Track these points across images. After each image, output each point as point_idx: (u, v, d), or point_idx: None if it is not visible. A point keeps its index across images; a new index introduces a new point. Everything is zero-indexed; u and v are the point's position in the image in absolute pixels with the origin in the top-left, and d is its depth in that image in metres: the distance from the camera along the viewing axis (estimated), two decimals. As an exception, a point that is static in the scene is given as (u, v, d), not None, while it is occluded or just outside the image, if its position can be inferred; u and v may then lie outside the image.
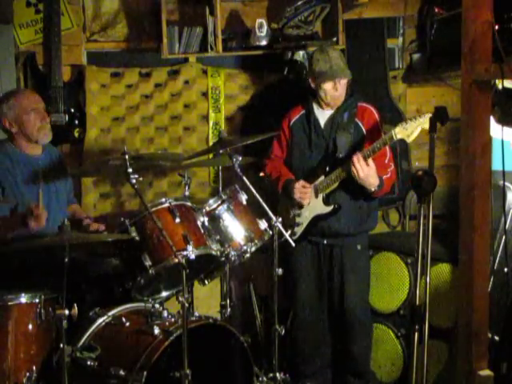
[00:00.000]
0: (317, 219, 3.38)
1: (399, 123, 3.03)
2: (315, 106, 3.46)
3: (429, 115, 2.94)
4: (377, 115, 3.39)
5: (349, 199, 3.35)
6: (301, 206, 3.42)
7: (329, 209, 3.33)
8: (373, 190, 3.21)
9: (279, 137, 3.59)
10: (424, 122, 2.94)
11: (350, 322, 3.45)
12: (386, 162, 3.32)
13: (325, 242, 3.44)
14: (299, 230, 3.42)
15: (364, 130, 3.36)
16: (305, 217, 3.41)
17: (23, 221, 2.92)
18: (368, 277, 3.53)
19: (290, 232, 3.37)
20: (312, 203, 3.38)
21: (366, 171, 3.11)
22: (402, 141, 3.10)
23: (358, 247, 3.43)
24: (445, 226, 3.93)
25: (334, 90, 3.33)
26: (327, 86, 3.32)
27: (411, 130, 2.98)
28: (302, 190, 3.38)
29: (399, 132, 3.02)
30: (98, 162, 3.38)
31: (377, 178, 3.18)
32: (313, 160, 3.43)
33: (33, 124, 3.18)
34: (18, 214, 3.01)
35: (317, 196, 3.36)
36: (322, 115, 3.45)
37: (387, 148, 3.29)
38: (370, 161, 3.11)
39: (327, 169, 3.33)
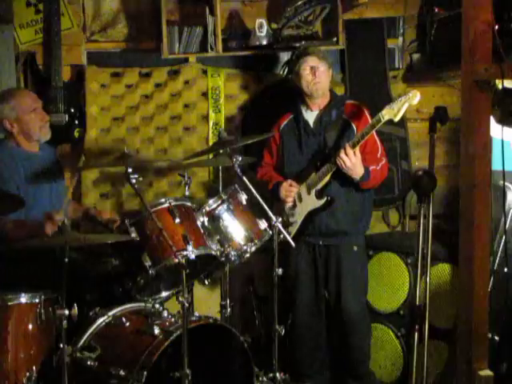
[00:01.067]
0: (311, 215, 3.38)
1: (386, 105, 3.05)
2: (303, 109, 3.48)
3: (414, 91, 2.97)
4: (365, 111, 3.39)
5: (343, 194, 3.36)
6: (294, 206, 3.42)
7: (322, 202, 3.33)
8: (358, 178, 3.23)
9: (269, 144, 3.61)
10: (410, 98, 2.96)
11: (347, 324, 3.45)
12: (378, 156, 3.35)
13: (321, 242, 3.44)
14: (293, 229, 3.41)
15: (353, 125, 3.37)
16: (298, 214, 3.40)
17: (40, 225, 2.91)
18: (365, 278, 3.53)
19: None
20: (304, 200, 3.38)
21: (353, 161, 3.13)
22: (399, 136, 3.12)
23: (355, 248, 3.43)
24: (445, 226, 3.93)
25: (313, 76, 3.35)
26: (304, 72, 3.36)
27: (398, 108, 3.00)
28: (287, 188, 3.40)
29: (386, 113, 3.03)
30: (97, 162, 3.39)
31: (362, 168, 3.20)
32: (304, 161, 3.44)
33: (34, 123, 3.22)
34: (35, 220, 3.01)
35: (309, 193, 3.36)
36: (311, 116, 3.47)
37: (378, 143, 3.33)
38: (357, 151, 3.14)
39: (318, 164, 3.34)
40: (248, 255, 3.09)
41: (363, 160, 3.25)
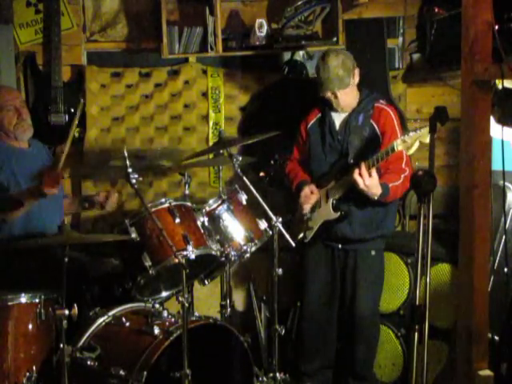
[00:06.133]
0: (327, 224, 3.37)
1: (401, 135, 3.01)
2: (331, 110, 3.41)
3: (427, 128, 2.91)
4: (394, 116, 3.32)
5: (360, 205, 3.31)
6: (313, 210, 3.42)
7: (336, 215, 3.30)
8: (376, 198, 3.19)
9: (298, 140, 3.59)
10: (422, 136, 2.90)
11: (358, 327, 3.44)
12: (403, 166, 3.27)
13: (339, 246, 3.44)
14: (310, 234, 3.41)
15: (379, 131, 3.30)
16: (315, 221, 3.40)
17: (38, 188, 2.94)
18: (380, 282, 3.50)
19: (302, 234, 3.38)
20: (322, 208, 3.36)
21: (368, 182, 3.07)
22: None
23: (372, 253, 3.41)
24: (445, 226, 3.93)
25: (335, 99, 3.31)
26: (327, 95, 3.31)
27: (411, 143, 2.94)
28: (307, 194, 3.39)
29: (400, 144, 2.97)
30: (97, 163, 3.39)
31: (379, 188, 3.14)
32: (328, 163, 3.41)
33: (8, 121, 3.20)
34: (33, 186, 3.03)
35: (327, 201, 3.34)
36: (338, 118, 3.41)
37: (404, 152, 3.20)
38: (373, 172, 3.08)
39: (338, 174, 3.31)
40: (248, 255, 3.09)
41: (386, 170, 3.21)
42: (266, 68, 4.19)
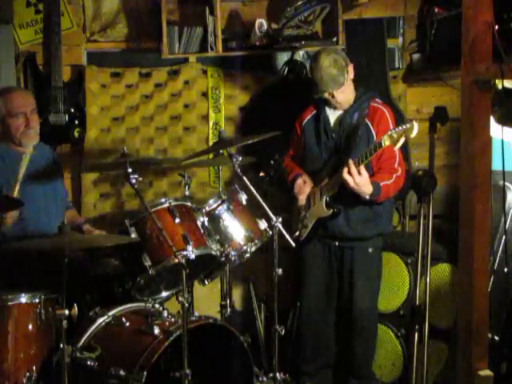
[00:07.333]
0: (323, 222, 3.37)
1: (388, 131, 3.02)
2: (326, 106, 3.43)
3: (413, 123, 2.92)
4: (389, 116, 3.33)
5: (357, 202, 3.30)
6: (308, 207, 3.42)
7: (329, 212, 3.31)
8: (367, 197, 3.18)
9: (293, 137, 3.60)
10: (408, 130, 2.91)
11: (355, 324, 3.44)
12: (396, 166, 3.27)
13: (336, 243, 3.44)
14: (304, 232, 3.41)
15: (374, 131, 3.31)
16: (309, 219, 3.40)
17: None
18: (378, 280, 3.50)
19: (298, 232, 3.39)
20: (316, 205, 3.37)
21: (358, 180, 3.06)
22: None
23: (370, 250, 3.40)
24: (445, 226, 3.93)
25: (332, 98, 3.32)
26: (324, 95, 3.32)
27: (397, 138, 2.95)
28: (301, 185, 3.40)
29: (387, 139, 2.98)
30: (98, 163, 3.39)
31: (370, 187, 3.13)
32: (323, 161, 3.42)
33: (16, 128, 3.19)
34: None
35: (321, 198, 3.34)
36: (333, 115, 3.42)
37: (396, 151, 3.24)
38: (362, 169, 3.07)
39: (331, 171, 3.31)
40: (248, 255, 3.09)
41: (378, 169, 3.21)
42: (266, 68, 4.19)
